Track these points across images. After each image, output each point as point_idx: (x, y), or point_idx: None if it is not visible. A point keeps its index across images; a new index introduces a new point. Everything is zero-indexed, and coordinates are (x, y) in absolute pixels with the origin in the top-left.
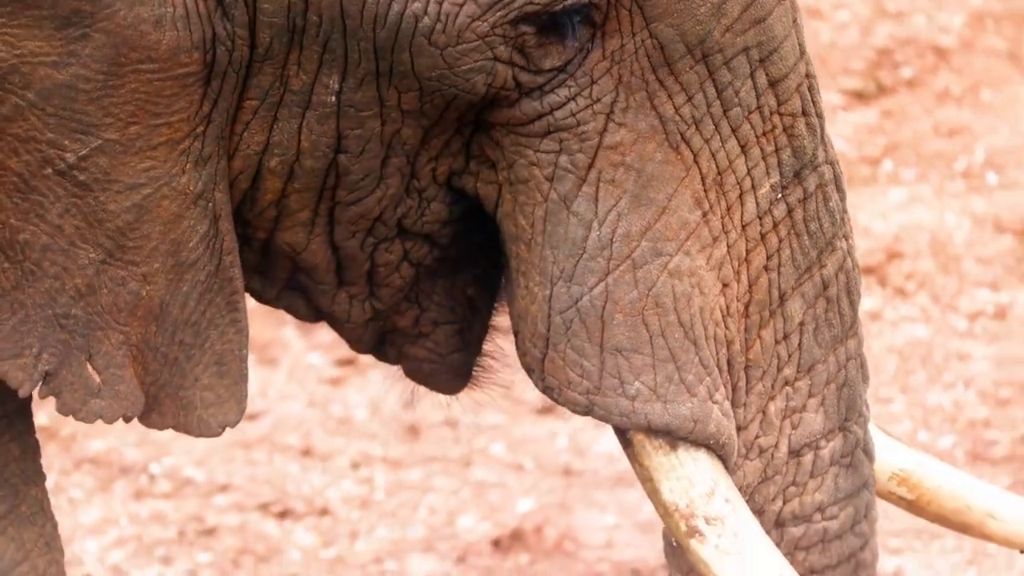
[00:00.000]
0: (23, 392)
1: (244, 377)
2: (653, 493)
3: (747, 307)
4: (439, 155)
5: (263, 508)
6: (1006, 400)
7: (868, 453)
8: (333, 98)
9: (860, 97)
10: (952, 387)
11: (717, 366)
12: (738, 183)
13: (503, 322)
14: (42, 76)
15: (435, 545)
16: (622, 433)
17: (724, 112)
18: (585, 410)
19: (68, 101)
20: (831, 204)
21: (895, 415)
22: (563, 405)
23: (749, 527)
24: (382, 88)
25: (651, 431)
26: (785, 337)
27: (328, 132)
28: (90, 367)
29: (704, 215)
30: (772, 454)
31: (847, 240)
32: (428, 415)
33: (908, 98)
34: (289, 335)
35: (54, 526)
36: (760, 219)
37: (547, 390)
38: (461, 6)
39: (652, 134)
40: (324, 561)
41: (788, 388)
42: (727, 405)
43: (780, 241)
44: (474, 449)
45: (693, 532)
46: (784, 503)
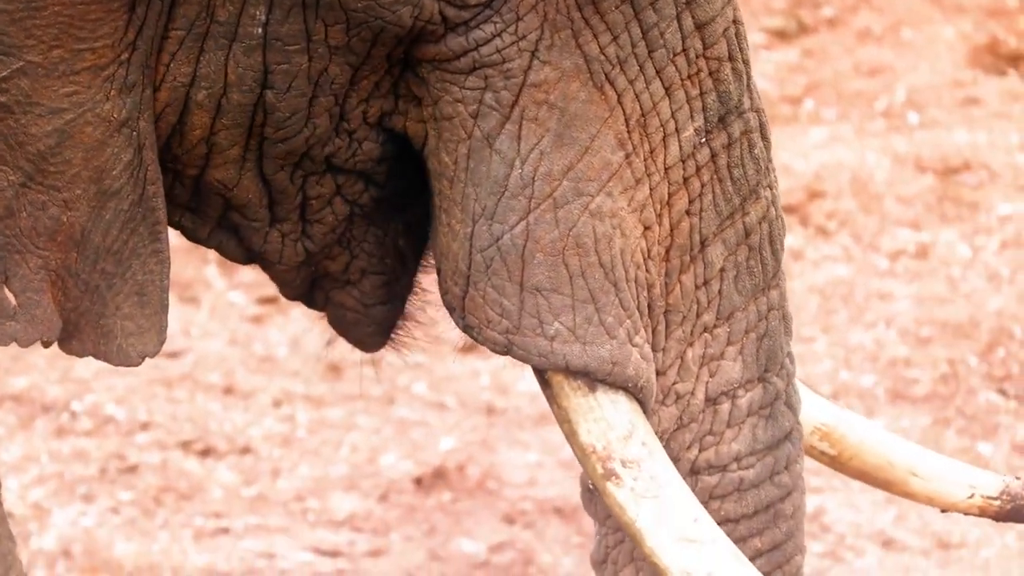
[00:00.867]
0: None
1: (165, 308)
2: (571, 435)
3: (668, 251)
4: (369, 97)
5: (185, 446)
6: (927, 339)
7: (791, 406)
8: (259, 30)
9: (781, 36)
10: (873, 326)
11: (638, 309)
12: (662, 125)
13: (429, 283)
14: None
15: (357, 483)
16: (541, 374)
17: (649, 53)
18: (504, 349)
19: None
20: (756, 151)
21: (816, 354)
22: (483, 344)
23: (666, 471)
24: (309, 21)
25: (569, 372)
26: (705, 283)
27: (254, 66)
28: (6, 290)
29: (627, 156)
30: (688, 401)
31: (771, 189)
32: (350, 353)
33: (829, 37)
34: (211, 273)
35: None
36: (683, 163)
37: (467, 329)
38: None
39: (576, 73)
40: (246, 499)
41: (707, 335)
42: (647, 348)
43: (703, 186)
44: (396, 387)
45: (610, 474)
46: (700, 451)
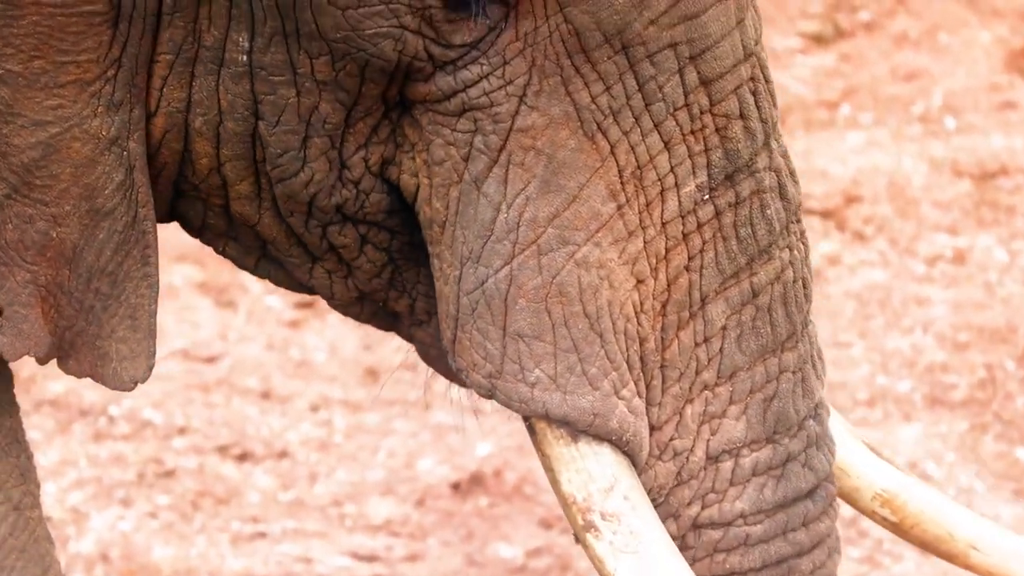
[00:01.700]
0: None
1: (152, 333)
2: (553, 483)
3: (664, 306)
4: (368, 142)
5: (222, 451)
6: (964, 344)
7: (812, 467)
8: (244, 57)
9: (818, 41)
10: (910, 331)
11: (628, 363)
12: (659, 179)
13: None
14: None
15: (394, 488)
16: (527, 420)
17: (646, 106)
18: (488, 393)
19: None
20: (768, 212)
21: (854, 359)
22: (471, 388)
23: (649, 527)
24: (292, 51)
25: (550, 420)
26: (705, 340)
27: (244, 94)
28: None
29: (619, 208)
30: (687, 457)
31: (791, 251)
32: (387, 358)
33: (866, 42)
34: (248, 277)
35: (29, 457)
36: (683, 218)
37: (458, 371)
38: None
39: (566, 120)
40: (283, 504)
41: (707, 392)
42: (636, 402)
43: (704, 243)
44: (434, 393)
45: (589, 527)
46: (703, 508)
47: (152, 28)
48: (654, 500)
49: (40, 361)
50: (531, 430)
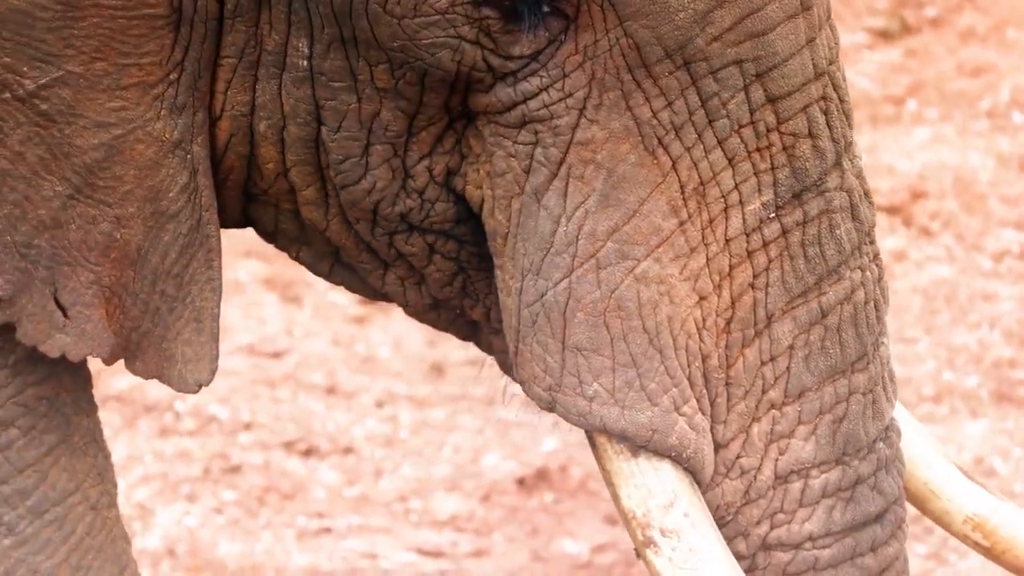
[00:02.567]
0: None
1: (216, 337)
2: (614, 497)
3: (729, 323)
4: (432, 152)
5: (287, 446)
6: None
7: (882, 491)
8: (305, 62)
9: (884, 36)
10: (977, 327)
11: (691, 379)
12: (723, 196)
13: None
14: None
15: (460, 484)
16: (588, 434)
17: (709, 122)
18: (548, 406)
19: (24, 27)
20: (838, 232)
21: (920, 355)
22: (531, 399)
23: (709, 545)
24: (351, 58)
25: (608, 435)
26: (772, 359)
27: (305, 99)
28: (55, 301)
29: (681, 224)
30: (755, 476)
31: (863, 272)
32: (452, 353)
33: (932, 37)
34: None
35: (106, 457)
36: (747, 235)
37: (521, 383)
38: None
39: (626, 134)
40: (348, 499)
41: (774, 411)
42: (698, 419)
43: (770, 261)
44: (498, 388)
45: (648, 542)
46: (771, 528)
47: (214, 32)
48: (722, 518)
49: (106, 362)
50: (592, 443)
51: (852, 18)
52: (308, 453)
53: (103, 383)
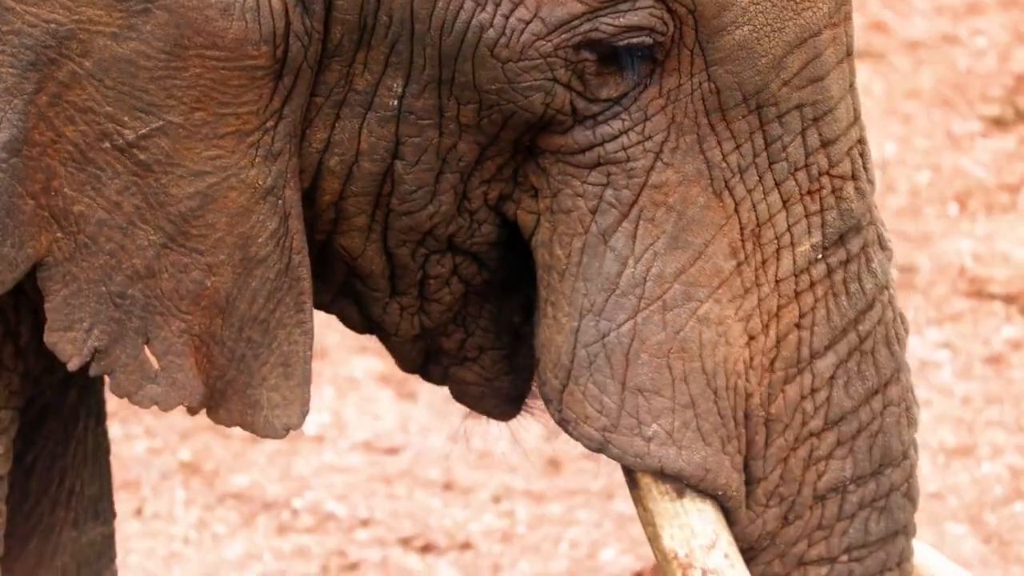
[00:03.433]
0: (72, 365)
1: (307, 380)
2: (654, 539)
3: (772, 362)
4: (492, 179)
5: (405, 542)
6: None
7: (910, 498)
8: (395, 102)
9: (998, 124)
10: None
11: (733, 418)
12: (776, 238)
13: None
14: (100, 46)
15: None
16: (630, 474)
17: (769, 165)
18: (599, 447)
19: (128, 76)
20: (873, 265)
21: None
22: (577, 439)
23: None
24: (443, 97)
25: (662, 475)
26: (812, 392)
27: (387, 136)
28: (148, 351)
29: (738, 265)
30: (794, 500)
31: (888, 290)
32: (569, 448)
33: None
34: None
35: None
36: (796, 277)
37: (563, 423)
38: (527, 23)
39: (697, 178)
40: None
41: (813, 439)
42: (738, 459)
43: (816, 301)
44: (615, 482)
45: None
46: (809, 546)
47: (314, 78)
48: (764, 546)
49: (191, 411)
50: (633, 484)
51: (966, 106)
52: (426, 549)
53: (221, 480)
